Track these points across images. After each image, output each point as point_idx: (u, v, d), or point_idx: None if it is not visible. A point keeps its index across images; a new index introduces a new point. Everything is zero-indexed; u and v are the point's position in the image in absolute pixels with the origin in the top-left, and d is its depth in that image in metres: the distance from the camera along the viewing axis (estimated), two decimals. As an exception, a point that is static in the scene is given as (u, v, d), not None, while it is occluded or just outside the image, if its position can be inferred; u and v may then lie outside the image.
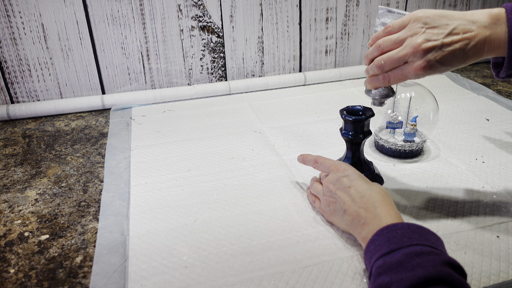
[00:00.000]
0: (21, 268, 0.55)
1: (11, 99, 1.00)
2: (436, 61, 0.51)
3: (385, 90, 0.59)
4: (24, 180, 0.74)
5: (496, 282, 0.50)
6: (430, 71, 0.51)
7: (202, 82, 1.10)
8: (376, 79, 0.56)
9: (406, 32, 0.52)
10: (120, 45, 1.01)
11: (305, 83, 1.13)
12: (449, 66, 0.52)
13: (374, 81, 0.56)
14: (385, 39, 0.54)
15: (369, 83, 0.57)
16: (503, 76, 0.54)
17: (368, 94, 0.61)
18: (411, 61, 0.52)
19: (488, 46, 0.51)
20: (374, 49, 0.55)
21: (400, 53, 0.52)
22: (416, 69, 0.51)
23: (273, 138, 0.85)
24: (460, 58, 0.51)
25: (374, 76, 0.56)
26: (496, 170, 0.72)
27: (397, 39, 0.52)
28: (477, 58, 0.52)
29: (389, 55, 0.53)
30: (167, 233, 0.59)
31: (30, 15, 0.94)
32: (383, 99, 0.60)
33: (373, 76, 0.56)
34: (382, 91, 0.59)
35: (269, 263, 0.53)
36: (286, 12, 1.09)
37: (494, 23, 0.51)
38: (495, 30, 0.51)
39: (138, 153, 0.81)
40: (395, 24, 0.53)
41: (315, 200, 0.62)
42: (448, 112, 0.94)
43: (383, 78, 0.55)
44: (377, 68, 0.55)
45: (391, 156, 0.77)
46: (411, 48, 0.51)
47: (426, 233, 0.47)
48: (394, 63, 0.53)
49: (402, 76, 0.53)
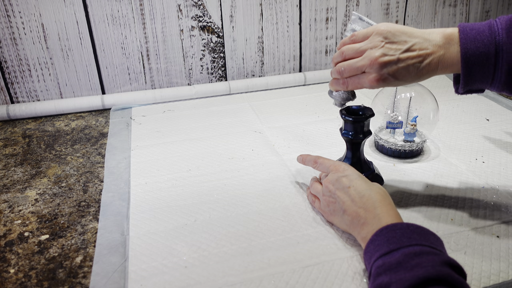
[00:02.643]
0: (21, 268, 0.55)
1: (11, 99, 1.00)
2: (390, 75, 0.54)
3: (345, 94, 0.63)
4: (24, 180, 0.74)
5: (496, 282, 0.50)
6: (383, 84, 0.55)
7: (202, 82, 1.10)
8: (337, 82, 0.59)
9: (367, 44, 0.55)
10: (120, 45, 1.01)
11: (305, 83, 1.13)
12: (403, 81, 0.55)
13: (335, 84, 0.60)
14: (348, 47, 0.57)
15: (331, 85, 0.61)
16: (461, 92, 0.56)
17: (330, 95, 0.64)
18: (367, 72, 0.55)
19: (442, 64, 0.54)
20: (338, 55, 0.58)
21: (359, 63, 0.55)
22: (370, 81, 0.54)
23: (273, 138, 0.85)
24: (414, 74, 0.54)
25: (335, 80, 0.60)
26: (496, 170, 0.72)
27: (359, 49, 0.55)
28: (431, 75, 0.55)
29: (349, 63, 0.56)
30: (167, 233, 0.59)
31: (30, 15, 0.94)
32: (343, 101, 0.64)
33: (335, 80, 0.60)
34: (342, 94, 0.63)
35: (269, 263, 0.54)
36: (286, 12, 1.09)
37: (448, 43, 0.53)
38: (449, 50, 0.53)
39: (138, 153, 0.81)
40: (359, 34, 0.56)
41: (315, 200, 0.62)
42: (448, 112, 0.94)
43: (342, 83, 0.58)
44: (337, 73, 0.58)
45: (391, 156, 0.77)
46: (368, 60, 0.54)
47: (425, 233, 0.47)
48: (352, 71, 0.56)
49: (359, 84, 0.57)
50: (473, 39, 0.52)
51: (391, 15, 1.17)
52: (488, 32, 0.52)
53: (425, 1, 1.19)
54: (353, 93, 0.64)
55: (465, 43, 0.52)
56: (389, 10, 1.17)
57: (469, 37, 0.52)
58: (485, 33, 0.52)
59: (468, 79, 0.53)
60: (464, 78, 0.53)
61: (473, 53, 0.52)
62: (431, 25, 1.22)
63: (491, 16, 1.27)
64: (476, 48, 0.52)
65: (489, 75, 0.52)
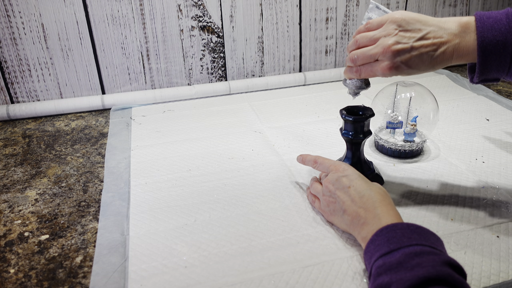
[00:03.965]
0: (21, 268, 0.55)
1: (11, 99, 1.00)
2: (403, 63, 0.53)
3: (358, 82, 0.62)
4: (24, 180, 0.74)
5: (496, 282, 0.50)
6: (396, 72, 0.54)
7: (202, 82, 1.10)
8: (350, 70, 0.59)
9: (381, 32, 0.55)
10: (120, 45, 1.01)
11: (305, 83, 1.13)
12: (416, 69, 0.54)
13: (348, 72, 0.60)
14: (363, 35, 0.56)
15: (344, 73, 0.61)
16: (476, 81, 0.56)
17: (344, 83, 0.64)
18: (380, 60, 0.54)
19: (457, 53, 0.53)
20: (353, 43, 0.58)
21: (372, 51, 0.55)
22: (383, 69, 0.54)
23: (273, 138, 0.85)
24: (427, 63, 0.53)
25: (349, 68, 0.59)
26: (496, 170, 0.72)
27: (372, 37, 0.55)
28: (446, 64, 0.54)
29: (362, 51, 0.56)
30: (167, 233, 0.59)
31: (30, 15, 0.94)
32: (356, 89, 0.63)
33: (348, 67, 0.60)
34: (356, 82, 0.62)
35: (269, 263, 0.53)
36: (286, 12, 1.09)
37: (464, 31, 0.53)
38: (464, 38, 0.53)
39: (138, 153, 0.81)
40: (374, 22, 0.56)
41: (315, 200, 0.62)
42: (448, 112, 0.94)
43: (355, 71, 0.58)
44: (351, 61, 0.58)
45: (391, 156, 0.77)
46: (381, 48, 0.54)
47: (425, 233, 0.47)
48: (365, 59, 0.56)
49: (371, 72, 0.56)
50: (490, 28, 0.51)
51: (391, 15, 1.17)
52: (506, 20, 0.51)
53: (425, 1, 1.19)
54: (367, 82, 0.63)
55: (482, 31, 0.51)
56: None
57: (486, 25, 0.51)
58: (503, 22, 0.51)
59: (484, 68, 0.53)
60: (480, 67, 0.53)
61: (490, 41, 0.51)
62: (431, 25, 1.22)
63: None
64: (493, 36, 0.51)
65: (505, 64, 0.52)
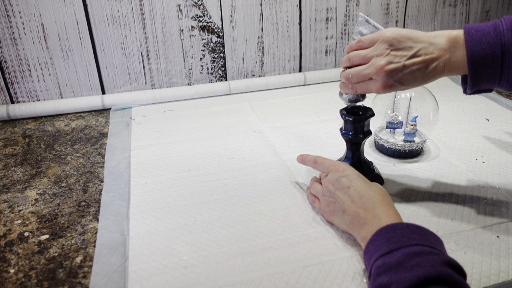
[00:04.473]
0: (21, 268, 0.55)
1: (11, 99, 1.00)
2: (396, 82, 0.55)
3: (354, 96, 0.64)
4: (24, 180, 0.74)
5: (496, 282, 0.50)
6: (390, 90, 0.56)
7: (202, 82, 1.10)
8: (346, 86, 0.61)
9: (373, 51, 0.56)
10: (120, 45, 1.01)
11: (305, 83, 1.13)
12: (409, 85, 0.56)
13: (344, 88, 0.62)
14: (355, 53, 0.58)
15: (341, 88, 0.63)
16: (469, 93, 0.56)
17: (340, 96, 0.65)
18: (374, 80, 0.56)
19: (448, 68, 0.54)
20: (346, 60, 0.60)
21: (365, 71, 0.56)
22: (377, 88, 0.56)
23: (273, 138, 0.85)
24: (420, 79, 0.55)
25: (344, 84, 0.61)
26: (496, 170, 0.72)
27: (365, 56, 0.57)
28: (438, 77, 0.56)
29: (356, 71, 0.58)
30: (167, 233, 0.59)
31: (30, 15, 0.94)
32: (352, 103, 0.65)
33: (343, 83, 0.61)
34: (351, 96, 0.64)
35: (269, 263, 0.54)
36: (286, 12, 1.09)
37: (453, 46, 0.54)
38: (454, 53, 0.54)
39: (138, 153, 0.81)
40: (365, 40, 0.57)
41: (315, 200, 0.62)
42: (448, 112, 0.94)
43: (351, 88, 0.60)
44: (345, 79, 0.60)
45: (391, 156, 0.77)
46: (374, 69, 0.55)
47: (425, 233, 0.47)
48: (359, 78, 0.58)
49: (367, 90, 0.58)
50: (478, 41, 0.52)
51: (391, 15, 1.17)
52: (494, 33, 0.52)
53: (425, 1, 1.19)
54: (363, 95, 0.64)
55: (471, 45, 0.52)
56: (389, 10, 1.17)
57: (475, 39, 0.52)
58: (491, 35, 0.52)
59: (475, 81, 0.54)
60: (471, 80, 0.54)
61: (479, 54, 0.52)
62: (431, 25, 1.22)
63: (491, 16, 1.27)
64: (482, 49, 0.52)
65: (496, 75, 0.53)
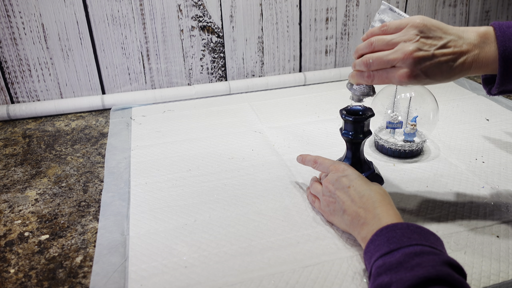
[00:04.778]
0: (21, 268, 0.55)
1: (11, 99, 1.00)
2: (421, 72, 0.50)
3: (366, 88, 0.59)
4: (24, 180, 0.74)
5: (496, 282, 0.50)
6: (414, 81, 0.51)
7: (202, 82, 1.10)
8: (361, 75, 0.55)
9: (400, 36, 0.51)
10: (120, 45, 1.01)
11: (305, 83, 1.13)
12: (433, 79, 0.51)
13: (358, 77, 0.56)
14: (379, 38, 0.53)
15: (353, 78, 0.57)
16: (495, 93, 0.54)
17: (350, 88, 0.60)
18: (398, 67, 0.51)
19: (475, 64, 0.51)
20: (366, 46, 0.54)
21: (390, 56, 0.51)
22: (401, 76, 0.50)
23: (273, 138, 0.85)
24: (446, 73, 0.51)
25: (359, 72, 0.55)
26: (496, 170, 0.72)
27: (390, 41, 0.51)
28: (464, 74, 0.52)
29: (378, 55, 0.52)
30: (167, 233, 0.59)
31: (30, 15, 0.94)
32: (362, 96, 0.60)
33: (358, 72, 0.55)
34: (363, 88, 0.59)
35: (269, 263, 0.54)
36: (286, 12, 1.09)
37: (483, 42, 0.51)
38: (484, 49, 0.51)
39: (138, 153, 0.81)
40: (391, 25, 0.52)
41: (315, 200, 0.62)
42: (448, 112, 0.94)
43: (367, 76, 0.54)
44: (364, 65, 0.54)
45: (391, 156, 0.77)
46: (401, 54, 0.50)
47: (425, 233, 0.47)
48: (381, 64, 0.52)
49: (387, 79, 0.52)
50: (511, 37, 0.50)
51: (391, 15, 1.17)
52: None
53: (425, 1, 1.19)
54: (374, 89, 0.60)
55: (503, 40, 0.50)
56: (389, 10, 1.16)
57: (507, 35, 0.50)
58: None
59: (505, 79, 0.51)
60: (501, 77, 0.51)
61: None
62: (431, 25, 1.22)
63: (491, 16, 1.27)
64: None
65: None
